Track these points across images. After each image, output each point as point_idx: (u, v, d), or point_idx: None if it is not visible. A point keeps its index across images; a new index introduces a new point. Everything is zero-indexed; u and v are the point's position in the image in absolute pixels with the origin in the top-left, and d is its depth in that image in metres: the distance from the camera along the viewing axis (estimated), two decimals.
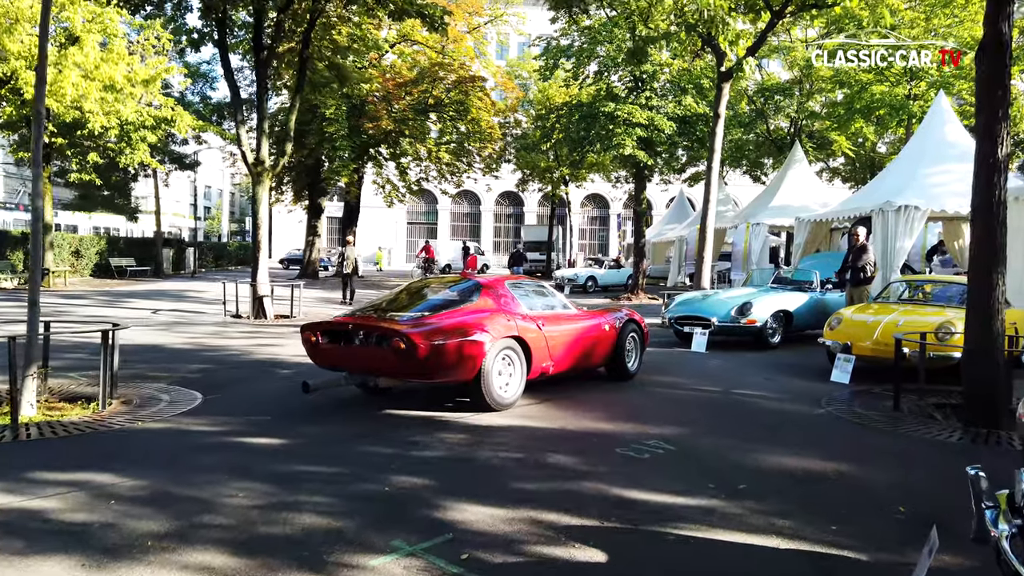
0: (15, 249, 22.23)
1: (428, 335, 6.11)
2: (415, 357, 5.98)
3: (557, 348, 7.25)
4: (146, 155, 23.16)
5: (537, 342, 6.95)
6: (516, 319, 6.84)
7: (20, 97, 19.27)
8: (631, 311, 8.85)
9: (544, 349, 7.05)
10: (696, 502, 4.39)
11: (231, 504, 4.14)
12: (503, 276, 7.98)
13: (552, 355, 7.18)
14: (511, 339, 6.67)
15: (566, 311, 7.82)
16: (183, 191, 50.43)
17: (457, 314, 6.59)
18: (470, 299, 6.95)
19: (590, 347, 7.80)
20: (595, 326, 7.93)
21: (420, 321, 6.39)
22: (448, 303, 6.98)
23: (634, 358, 8.60)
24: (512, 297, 7.17)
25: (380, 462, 5.04)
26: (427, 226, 59.05)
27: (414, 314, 6.66)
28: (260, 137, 14.39)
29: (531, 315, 7.12)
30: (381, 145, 29.37)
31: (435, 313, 6.66)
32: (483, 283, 7.23)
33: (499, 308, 6.85)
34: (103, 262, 27.02)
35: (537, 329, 7.00)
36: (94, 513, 3.92)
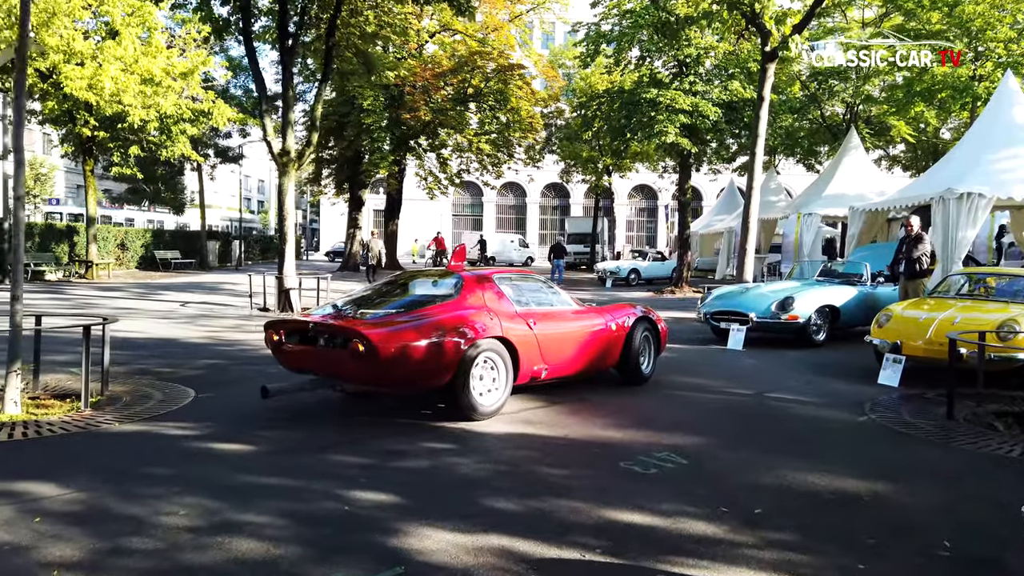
0: (60, 242, 22.61)
1: (390, 337, 5.46)
2: (375, 361, 5.35)
3: (552, 350, 6.55)
4: (187, 148, 23.25)
5: (526, 343, 6.24)
6: (502, 318, 6.15)
7: (61, 91, 19.46)
8: (647, 308, 8.03)
9: (535, 351, 6.35)
10: (701, 530, 3.78)
11: (166, 524, 3.70)
12: (492, 270, 7.07)
13: (546, 358, 6.48)
14: (494, 340, 5.98)
15: (565, 308, 7.11)
16: (234, 185, 51.16)
17: (431, 312, 5.93)
18: (450, 296, 6.26)
19: (593, 348, 7.06)
20: (599, 325, 7.17)
21: (386, 320, 5.79)
22: (425, 300, 6.38)
23: (647, 360, 7.75)
24: (500, 293, 6.46)
25: (351, 474, 4.55)
26: (472, 218, 58.79)
27: (383, 312, 6.11)
28: (285, 127, 14.11)
29: (521, 313, 6.43)
30: (420, 136, 29.04)
31: (408, 311, 6.07)
32: (466, 278, 6.49)
33: (481, 306, 6.14)
34: (149, 255, 27.39)
35: (527, 329, 6.32)
36: (10, 532, 3.52)
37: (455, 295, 6.22)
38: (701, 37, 20.78)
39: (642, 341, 7.59)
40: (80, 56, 19.16)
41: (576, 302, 7.43)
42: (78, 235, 22.96)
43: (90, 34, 20.67)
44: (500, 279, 6.73)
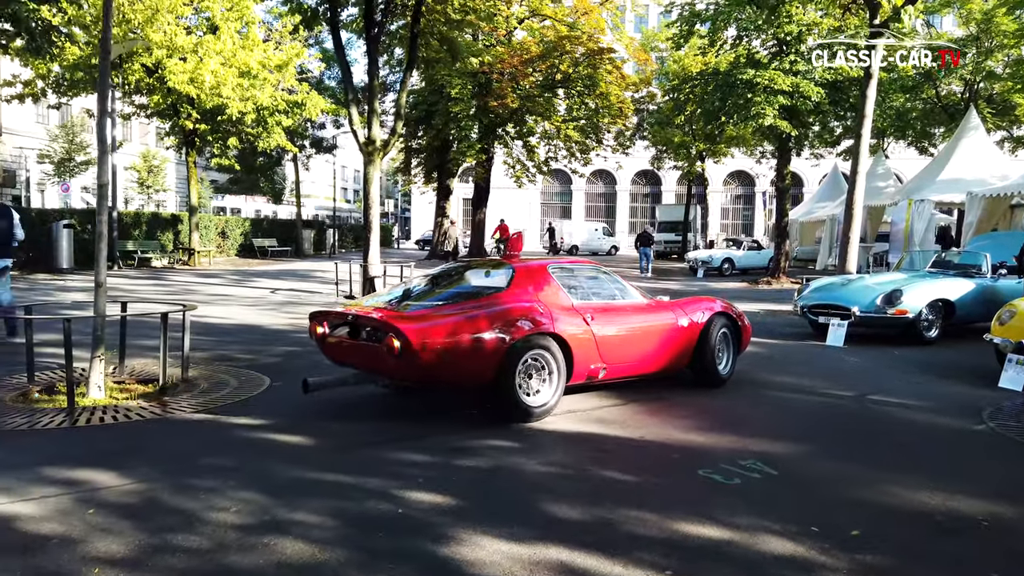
0: (165, 231, 23.73)
1: (427, 331, 5.13)
2: (411, 357, 5.04)
3: (612, 348, 6.02)
4: (282, 139, 23.92)
5: (582, 340, 5.76)
6: (555, 312, 5.70)
7: (165, 86, 20.34)
8: (727, 303, 7.32)
9: (592, 349, 5.85)
10: (787, 551, 3.36)
11: (216, 521, 3.58)
12: (547, 260, 6.55)
13: (604, 356, 5.96)
14: (545, 336, 5.53)
15: (630, 302, 6.54)
16: (330, 174, 52.63)
17: (476, 306, 5.54)
18: (499, 288, 5.85)
19: (660, 347, 6.46)
20: (668, 321, 6.54)
21: (426, 314, 5.45)
22: (474, 292, 6.00)
23: (726, 359, 7.01)
24: (554, 285, 5.99)
25: (409, 473, 4.34)
26: (561, 206, 58.34)
27: (427, 304, 5.77)
28: (371, 116, 14.15)
29: (578, 307, 5.95)
30: (508, 124, 28.85)
31: (453, 303, 5.73)
32: (518, 269, 6.02)
33: (533, 299, 5.69)
34: (247, 243, 28.44)
35: (583, 324, 5.83)
36: (62, 524, 3.49)
37: (505, 287, 5.81)
38: (803, 13, 19.59)
39: (719, 340, 6.89)
40: (182, 51, 19.95)
41: (644, 295, 6.82)
42: (182, 224, 24.04)
43: (192, 30, 21.50)
44: (556, 270, 6.27)
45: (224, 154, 23.62)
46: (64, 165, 40.92)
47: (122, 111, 24.00)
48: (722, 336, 6.95)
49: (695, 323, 6.69)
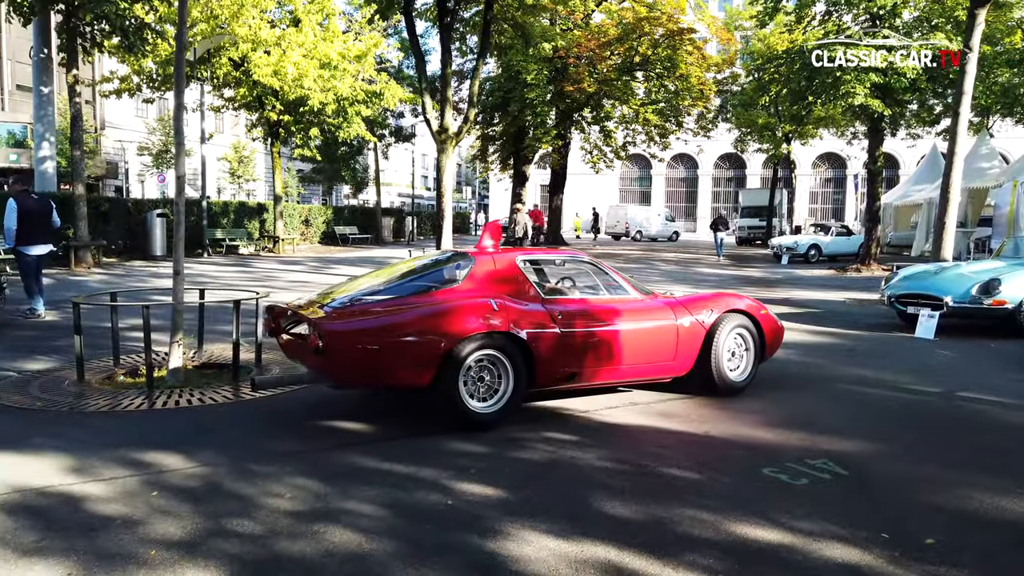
0: (252, 219, 24.64)
1: (352, 331, 4.74)
2: (332, 357, 4.70)
3: (586, 350, 5.36)
4: (361, 128, 24.37)
5: (545, 341, 5.13)
6: (516, 309, 5.09)
7: (251, 79, 21.03)
8: (751, 301, 6.34)
9: (559, 350, 5.21)
10: (853, 559, 3.17)
11: (270, 507, 3.66)
12: (520, 251, 5.82)
13: (577, 360, 5.32)
14: (497, 336, 4.95)
15: (616, 298, 5.80)
16: (410, 163, 53.48)
17: (417, 303, 5.06)
18: (453, 282, 5.33)
19: (653, 349, 5.69)
20: (663, 321, 5.74)
21: (356, 312, 4.95)
22: (426, 287, 5.41)
23: (743, 365, 6.14)
24: (520, 280, 5.37)
25: (463, 464, 4.33)
26: (640, 191, 57.41)
27: (368, 301, 5.15)
28: (443, 105, 14.23)
29: (548, 303, 5.34)
30: (584, 109, 28.52)
31: (396, 300, 5.14)
32: (477, 261, 5.43)
33: (488, 295, 5.10)
34: (330, 230, 29.22)
35: (549, 322, 5.19)
36: (126, 506, 3.63)
37: (459, 281, 5.29)
38: None
39: (731, 342, 6.04)
40: (266, 44, 20.58)
41: (639, 291, 5.99)
42: (267, 212, 24.89)
43: (276, 23, 22.14)
44: (527, 262, 5.74)
45: (307, 144, 24.28)
46: (161, 157, 43.07)
47: (212, 104, 24.97)
48: (737, 338, 6.09)
49: (699, 323, 5.87)
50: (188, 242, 20.95)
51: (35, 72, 16.87)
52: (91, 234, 16.77)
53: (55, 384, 6.18)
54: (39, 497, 3.69)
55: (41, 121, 16.97)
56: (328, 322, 4.81)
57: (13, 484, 3.83)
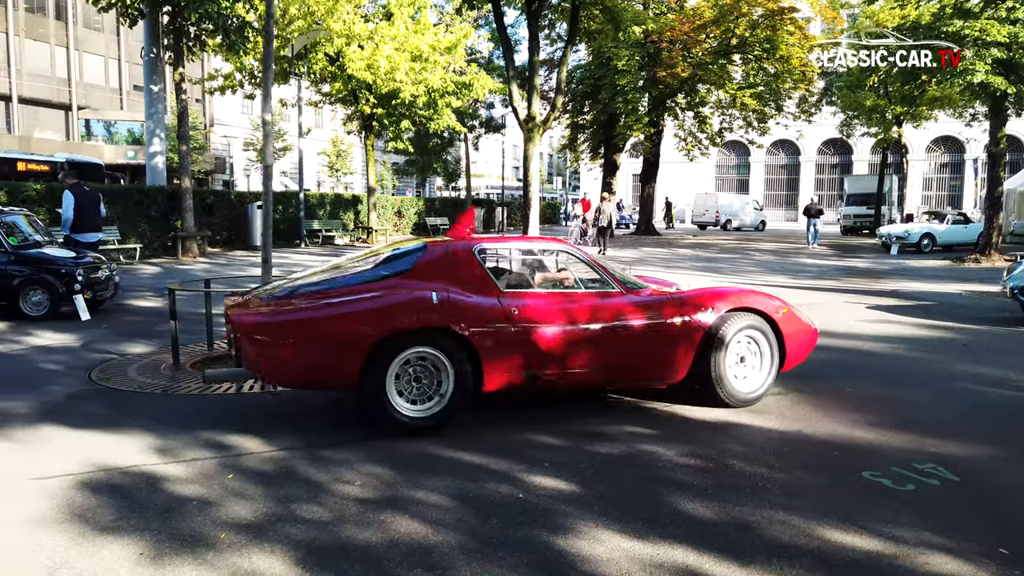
0: (347, 211, 25.30)
1: (269, 327, 4.40)
2: (251, 354, 4.41)
3: (548, 350, 4.72)
4: (451, 120, 24.56)
5: (495, 340, 4.57)
6: (464, 303, 4.56)
7: (345, 73, 21.53)
8: (772, 299, 5.39)
9: (513, 349, 4.63)
10: (965, 575, 2.83)
11: (340, 494, 3.63)
12: (482, 239, 5.14)
13: (535, 360, 4.69)
14: (434, 333, 4.47)
15: (590, 292, 5.06)
16: (500, 154, 53.77)
17: (347, 296, 4.56)
18: (400, 272, 4.79)
19: (631, 351, 4.96)
20: (649, 319, 4.96)
21: (278, 306, 4.57)
22: (371, 278, 4.81)
23: (756, 374, 5.23)
24: (475, 271, 4.77)
25: (536, 456, 4.18)
26: (738, 179, 55.54)
27: (303, 290, 4.74)
28: (531, 93, 14.08)
29: (507, 297, 4.73)
30: (678, 94, 27.74)
31: (332, 292, 4.66)
32: (429, 250, 4.92)
33: (433, 288, 4.56)
34: (421, 221, 29.69)
35: (502, 319, 4.61)
36: (202, 487, 3.68)
37: (406, 271, 4.77)
38: None
39: (739, 346, 5.16)
40: (359, 39, 21.01)
41: (621, 283, 5.16)
42: (362, 204, 25.50)
43: (370, 18, 22.56)
44: (488, 251, 5.06)
45: (399, 137, 24.68)
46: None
47: (309, 99, 25.75)
48: (746, 342, 5.19)
49: (694, 322, 5.02)
50: (287, 233, 21.73)
51: (146, 72, 17.82)
52: (196, 226, 17.60)
53: (152, 367, 6.43)
54: (122, 476, 3.80)
55: (151, 118, 17.92)
56: (243, 315, 4.50)
57: (100, 463, 3.96)
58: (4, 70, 38.43)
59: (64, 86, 41.54)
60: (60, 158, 24.13)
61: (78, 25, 42.04)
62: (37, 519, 3.28)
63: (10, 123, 38.83)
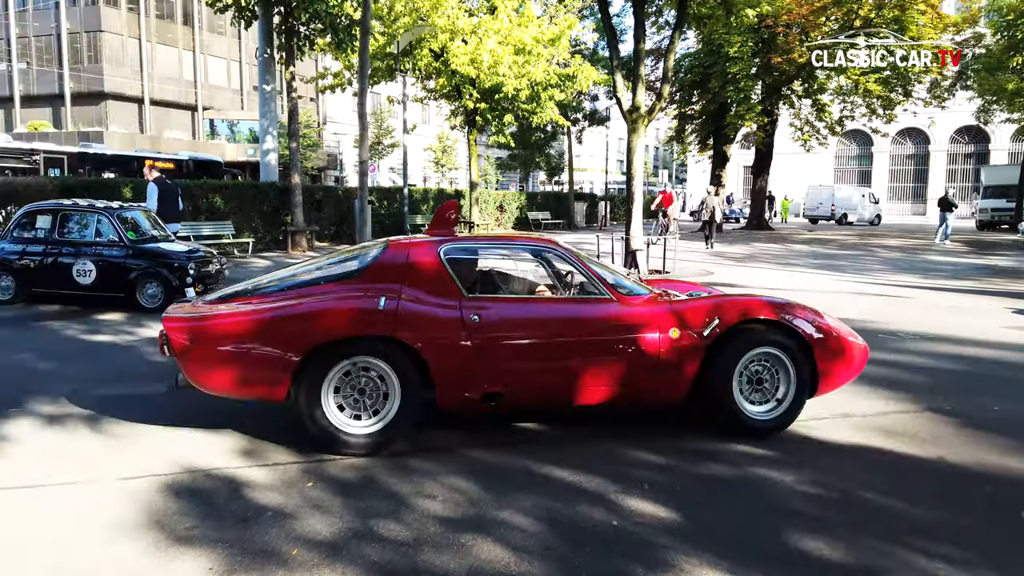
0: (424, 203, 25.54)
1: (196, 331, 4.07)
2: (180, 359, 4.11)
3: (515, 364, 4.22)
4: (554, 113, 24.21)
5: (449, 350, 4.10)
6: (418, 309, 4.11)
7: (449, 68, 21.59)
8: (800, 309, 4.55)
9: (473, 363, 4.13)
10: None
11: (421, 510, 3.40)
12: (452, 238, 4.57)
13: (497, 374, 4.19)
14: (377, 343, 4.05)
15: (572, 298, 4.58)
16: (604, 147, 52.99)
17: (286, 299, 4.23)
18: (351, 274, 4.42)
19: (617, 367, 4.31)
20: (634, 332, 4.30)
21: (209, 310, 4.26)
22: (325, 278, 4.50)
23: (772, 397, 4.46)
24: (437, 273, 4.27)
25: (635, 476, 3.81)
26: (859, 171, 52.36)
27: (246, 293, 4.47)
28: (636, 82, 13.53)
29: (468, 303, 4.21)
30: (794, 81, 26.27)
31: (271, 295, 4.35)
32: (390, 249, 4.48)
33: (382, 292, 4.13)
34: (523, 216, 29.54)
35: (460, 328, 4.12)
36: (281, 495, 3.54)
37: (360, 272, 4.37)
38: None
39: (751, 365, 4.42)
40: (463, 33, 21.01)
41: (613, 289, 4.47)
42: (464, 199, 25.59)
43: (474, 12, 22.53)
44: (456, 251, 4.48)
45: (501, 131, 24.57)
46: (374, 148, 46.13)
47: (415, 96, 26.05)
48: (762, 360, 4.42)
49: (696, 336, 4.31)
50: (391, 228, 22.06)
51: (260, 72, 18.43)
52: (306, 220, 18.08)
53: None
54: (205, 479, 3.72)
55: (265, 116, 18.53)
56: (170, 319, 4.20)
57: (186, 464, 3.91)
58: (137, 74, 41.19)
59: (191, 88, 44.11)
60: (184, 156, 25.51)
61: (203, 29, 44.51)
62: (117, 523, 3.22)
63: (143, 124, 41.61)
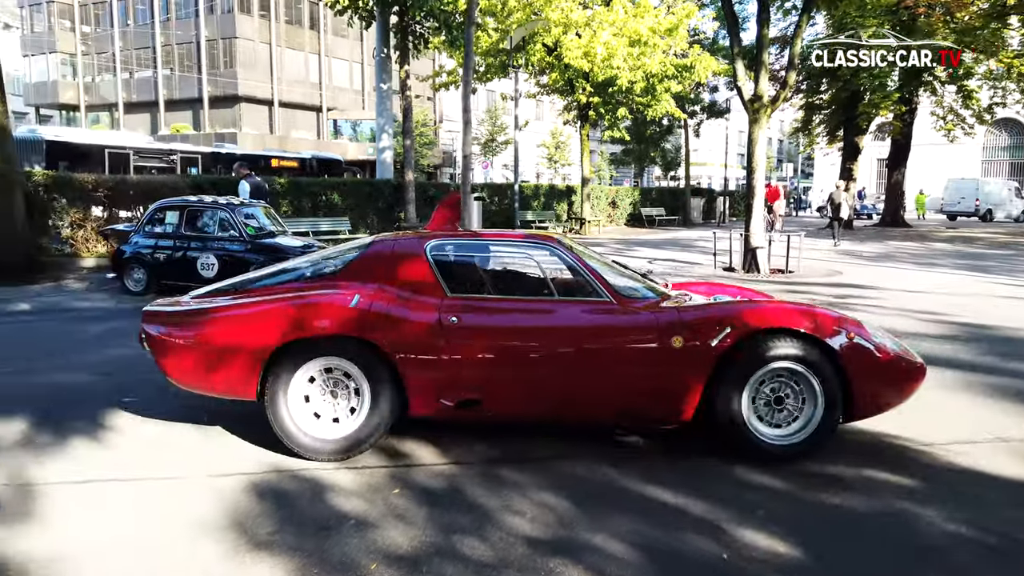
0: (560, 201, 25.20)
1: (167, 329, 4.04)
2: (156, 356, 4.05)
3: (493, 371, 3.90)
4: (670, 106, 23.47)
5: (417, 353, 3.82)
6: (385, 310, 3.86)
7: (562, 63, 21.31)
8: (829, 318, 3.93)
9: (445, 367, 3.84)
10: None
11: (508, 527, 3.14)
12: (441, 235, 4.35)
13: (478, 383, 3.89)
14: (344, 343, 3.83)
15: (564, 300, 4.08)
16: (723, 140, 51.14)
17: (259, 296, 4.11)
18: (331, 272, 4.24)
19: (609, 379, 3.92)
20: (636, 342, 3.89)
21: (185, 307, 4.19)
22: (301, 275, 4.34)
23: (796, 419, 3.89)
24: (419, 271, 4.06)
25: (749, 500, 3.40)
26: (1009, 163, 47.87)
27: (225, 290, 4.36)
28: (758, 69, 12.75)
29: (448, 303, 3.95)
30: (936, 67, 24.17)
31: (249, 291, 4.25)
32: (375, 244, 4.32)
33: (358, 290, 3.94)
34: (636, 212, 28.86)
35: (435, 329, 3.85)
36: (365, 503, 3.38)
37: (340, 271, 4.19)
38: None
39: (770, 382, 3.87)
40: (576, 26, 20.66)
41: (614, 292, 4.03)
42: (575, 195, 25.26)
43: (588, 4, 22.13)
44: (444, 248, 4.23)
45: (614, 125, 24.05)
46: (488, 145, 46.59)
47: (528, 92, 25.94)
48: (782, 376, 3.86)
49: (703, 347, 3.80)
50: (502, 224, 22.05)
51: (377, 71, 18.86)
52: (418, 217, 18.33)
53: None
54: (291, 481, 3.62)
55: (381, 115, 18.94)
56: (148, 314, 4.18)
57: (275, 464, 3.83)
58: (268, 78, 43.42)
59: (316, 90, 46.09)
60: (307, 155, 26.59)
61: (328, 33, 46.37)
62: (201, 522, 3.16)
63: (272, 125, 43.84)
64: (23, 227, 11.23)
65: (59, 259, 12.50)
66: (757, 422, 3.87)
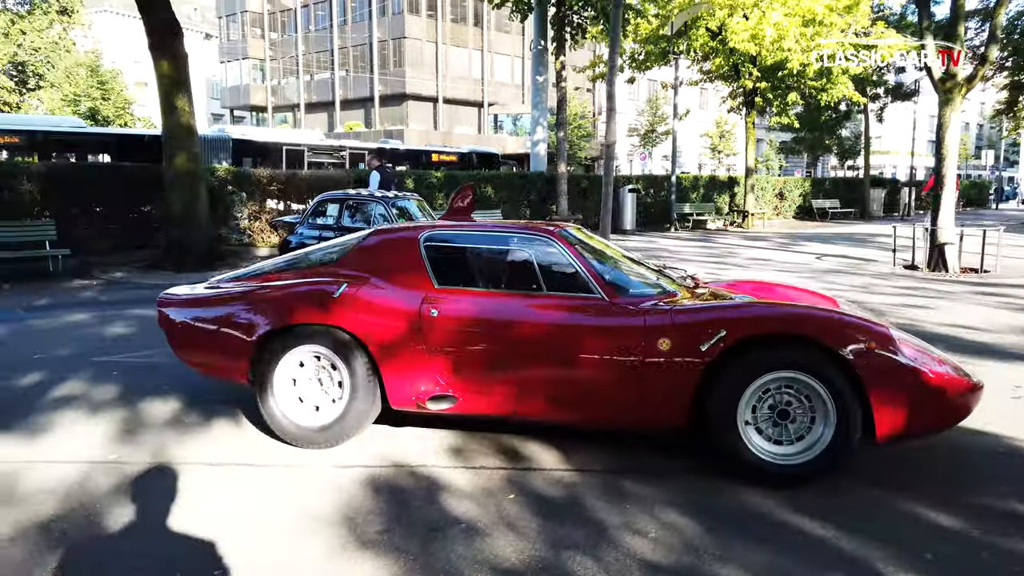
0: (722, 193, 24.02)
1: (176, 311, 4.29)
2: (168, 338, 4.35)
3: (469, 365, 3.73)
4: (848, 89, 21.67)
5: (394, 343, 3.75)
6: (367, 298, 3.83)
7: (726, 47, 20.26)
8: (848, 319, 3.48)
9: (422, 360, 3.74)
10: None
11: (626, 548, 2.87)
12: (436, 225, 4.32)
13: (453, 376, 3.74)
14: (328, 331, 3.81)
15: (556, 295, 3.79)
16: (910, 126, 46.66)
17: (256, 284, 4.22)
18: (331, 259, 4.28)
19: (590, 380, 3.62)
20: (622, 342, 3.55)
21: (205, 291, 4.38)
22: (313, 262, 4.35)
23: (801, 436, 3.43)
24: (411, 261, 3.97)
25: (914, 540, 2.90)
26: None
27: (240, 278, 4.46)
28: (953, 43, 11.37)
29: (435, 294, 3.84)
30: None
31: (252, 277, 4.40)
32: (372, 234, 4.31)
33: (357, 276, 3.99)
34: (806, 204, 27.00)
35: (413, 319, 3.75)
36: (477, 506, 3.23)
37: (337, 259, 4.23)
38: None
39: (774, 393, 3.43)
40: (743, 8, 19.55)
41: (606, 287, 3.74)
42: (738, 186, 24.00)
43: None
44: (437, 238, 4.10)
45: (784, 112, 22.57)
46: (647, 136, 45.51)
47: (690, 79, 24.95)
48: (788, 387, 3.41)
49: (691, 350, 3.44)
50: (658, 216, 21.40)
51: (533, 63, 18.87)
52: (570, 209, 18.16)
53: None
54: (407, 477, 3.55)
55: (536, 107, 18.94)
56: (162, 298, 4.43)
57: (395, 458, 3.79)
58: (433, 75, 45.02)
59: (478, 86, 47.20)
60: (465, 149, 27.20)
61: (491, 29, 47.29)
62: (313, 514, 3.16)
63: (436, 121, 45.43)
64: (206, 218, 12.25)
65: (237, 248, 13.55)
66: (753, 435, 3.46)
